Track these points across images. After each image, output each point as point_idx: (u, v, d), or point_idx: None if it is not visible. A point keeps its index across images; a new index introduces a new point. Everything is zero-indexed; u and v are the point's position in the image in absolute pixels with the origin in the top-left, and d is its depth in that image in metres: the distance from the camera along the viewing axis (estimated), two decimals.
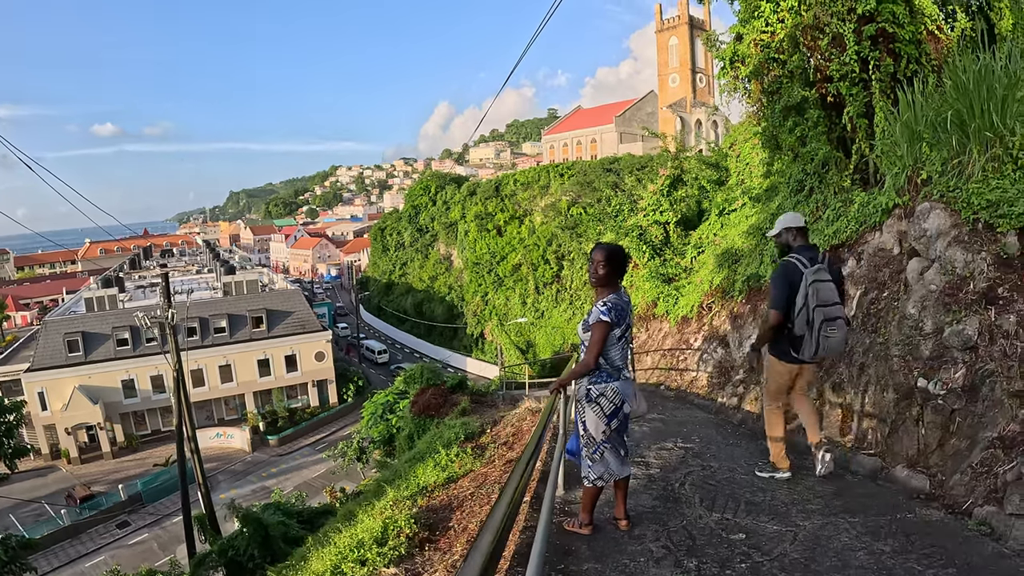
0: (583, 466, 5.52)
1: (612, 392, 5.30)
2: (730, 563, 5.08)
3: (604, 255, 5.28)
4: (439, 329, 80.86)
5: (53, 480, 46.73)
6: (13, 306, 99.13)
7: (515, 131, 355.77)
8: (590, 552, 5.35)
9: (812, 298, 6.25)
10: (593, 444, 5.40)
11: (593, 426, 5.36)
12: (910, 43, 9.77)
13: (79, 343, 50.50)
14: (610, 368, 5.33)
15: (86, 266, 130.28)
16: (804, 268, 6.36)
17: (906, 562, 4.91)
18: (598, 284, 5.35)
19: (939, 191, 7.10)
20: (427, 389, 21.20)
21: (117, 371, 51.26)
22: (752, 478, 7.20)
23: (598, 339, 5.14)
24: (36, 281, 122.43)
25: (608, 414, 5.31)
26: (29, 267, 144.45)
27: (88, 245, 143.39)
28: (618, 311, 5.21)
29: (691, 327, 16.73)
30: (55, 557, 36.38)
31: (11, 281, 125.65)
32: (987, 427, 5.82)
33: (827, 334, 6.27)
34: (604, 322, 5.14)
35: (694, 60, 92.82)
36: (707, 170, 22.85)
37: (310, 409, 57.70)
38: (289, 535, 18.22)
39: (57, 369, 49.31)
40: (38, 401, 47.89)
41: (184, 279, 74.85)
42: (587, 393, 5.36)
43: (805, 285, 6.28)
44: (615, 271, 5.31)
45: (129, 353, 51.76)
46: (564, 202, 74.30)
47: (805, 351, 6.45)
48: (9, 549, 18.59)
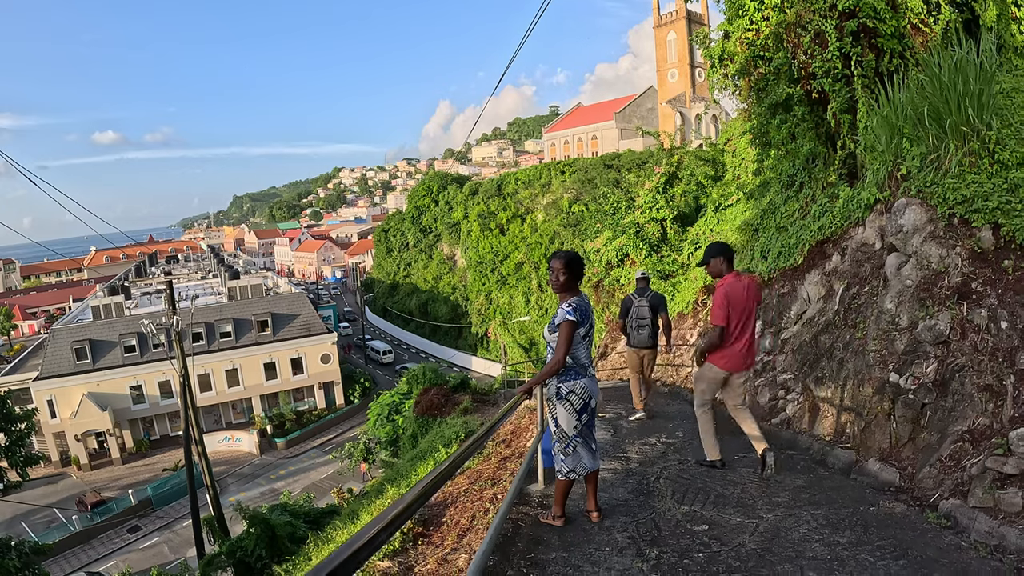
0: (556, 461, 5.75)
1: (581, 389, 5.58)
2: (689, 553, 5.27)
3: (562, 263, 5.58)
4: (444, 329, 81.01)
5: (64, 487, 46.97)
6: (20, 315, 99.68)
7: (517, 129, 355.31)
8: (560, 542, 5.55)
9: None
10: (566, 439, 5.64)
11: (565, 422, 5.62)
12: (892, 38, 9.79)
13: (87, 351, 50.70)
14: (577, 366, 5.60)
15: (92, 274, 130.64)
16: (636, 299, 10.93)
17: (859, 553, 5.04)
18: (560, 290, 5.63)
19: (916, 186, 7.17)
20: (430, 389, 21.40)
21: (125, 378, 51.47)
22: (725, 472, 7.39)
23: (565, 337, 5.41)
24: (43, 290, 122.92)
25: (578, 410, 5.59)
26: (35, 276, 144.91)
27: (93, 253, 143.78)
28: (582, 311, 5.50)
29: (687, 323, 16.85)
30: (67, 562, 36.59)
31: (18, 290, 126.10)
32: (956, 421, 5.92)
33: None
34: (571, 321, 5.41)
35: (692, 55, 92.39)
36: (703, 166, 22.90)
37: (317, 411, 57.86)
38: (296, 535, 18.42)
39: (65, 377, 49.50)
40: (47, 409, 48.08)
41: (189, 285, 75.02)
42: (557, 391, 5.63)
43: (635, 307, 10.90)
44: (573, 276, 5.60)
45: (136, 360, 51.95)
46: (566, 200, 74.47)
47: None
48: (22, 555, 18.79)
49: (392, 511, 2.71)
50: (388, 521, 2.63)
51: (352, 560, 2.25)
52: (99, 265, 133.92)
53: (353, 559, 2.26)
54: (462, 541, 6.28)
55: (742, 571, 4.89)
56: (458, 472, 9.61)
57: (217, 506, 24.93)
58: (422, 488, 3.12)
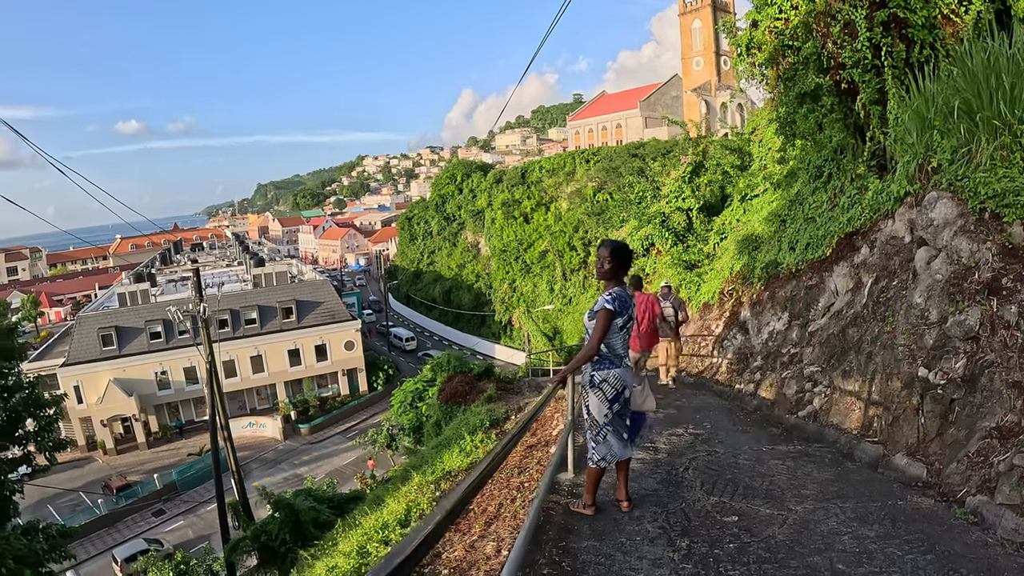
0: (588, 448, 5.82)
1: (614, 378, 5.60)
2: (719, 543, 5.31)
3: (609, 251, 5.61)
4: (467, 317, 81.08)
5: (89, 471, 47.73)
6: (47, 302, 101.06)
7: (540, 117, 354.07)
8: (591, 531, 5.62)
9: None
10: (596, 427, 5.69)
11: (596, 410, 5.66)
12: (923, 28, 9.70)
13: (113, 337, 51.37)
14: (612, 355, 5.62)
15: (117, 262, 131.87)
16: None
17: (887, 547, 5.06)
18: (604, 277, 5.66)
19: (947, 180, 7.10)
20: (454, 377, 21.41)
21: (151, 364, 52.11)
22: (753, 463, 7.39)
23: (602, 326, 5.45)
24: (69, 277, 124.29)
25: (610, 398, 5.62)
26: (62, 264, 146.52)
27: (119, 241, 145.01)
28: (621, 302, 5.53)
29: (712, 313, 16.82)
30: (92, 545, 37.18)
31: (44, 278, 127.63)
32: (985, 417, 5.89)
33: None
34: (608, 310, 5.45)
35: (718, 43, 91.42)
36: (729, 156, 22.82)
37: (340, 397, 58.26)
38: (320, 520, 18.59)
39: (92, 363, 50.22)
40: (74, 394, 48.60)
41: (214, 272, 75.68)
42: (591, 379, 5.67)
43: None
44: (620, 265, 5.62)
45: (162, 346, 52.53)
46: (590, 188, 74.19)
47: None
48: (49, 537, 19.11)
49: (449, 500, 2.70)
50: (448, 510, 2.63)
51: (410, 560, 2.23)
52: (124, 253, 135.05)
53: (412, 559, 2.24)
54: (489, 529, 6.35)
55: (772, 562, 4.93)
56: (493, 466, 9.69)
57: (242, 491, 25.20)
58: (467, 486, 3.10)
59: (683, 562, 4.99)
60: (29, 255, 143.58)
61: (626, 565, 4.99)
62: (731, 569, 4.84)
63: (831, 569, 4.76)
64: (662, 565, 4.96)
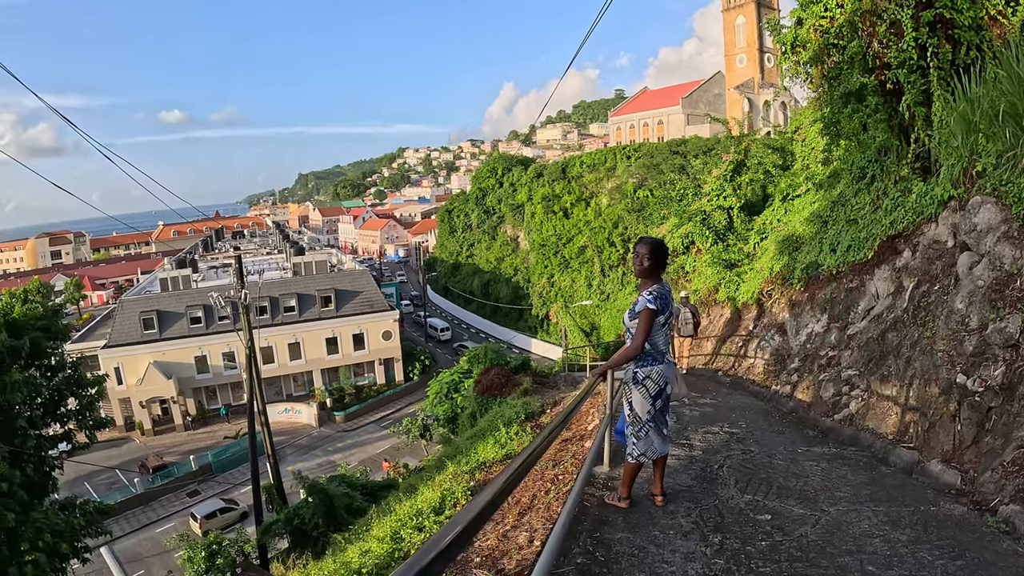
0: (628, 443, 5.90)
1: (657, 375, 5.67)
2: (752, 540, 5.36)
3: (648, 248, 5.62)
4: (504, 310, 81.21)
5: (127, 450, 48.89)
6: (90, 286, 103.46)
7: (582, 112, 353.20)
8: (625, 523, 5.70)
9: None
10: (639, 423, 5.78)
11: (639, 406, 5.74)
12: (970, 29, 9.56)
13: (154, 321, 52.43)
14: (655, 352, 5.69)
15: (160, 247, 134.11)
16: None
17: (918, 551, 5.07)
18: (642, 275, 5.69)
19: (992, 184, 7.03)
20: (490, 369, 21.54)
21: (190, 348, 53.08)
22: (788, 464, 7.40)
23: (645, 325, 5.51)
24: (112, 262, 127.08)
25: (653, 395, 5.70)
26: (105, 249, 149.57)
27: (162, 227, 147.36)
28: (662, 299, 5.57)
29: (751, 313, 16.74)
30: (127, 522, 38.12)
31: (88, 262, 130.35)
32: (1022, 427, 5.85)
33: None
34: (650, 309, 5.50)
35: (762, 40, 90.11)
36: (772, 155, 22.59)
37: (376, 386, 58.87)
38: (353, 506, 18.86)
39: (133, 346, 51.35)
40: (114, 375, 49.69)
41: (255, 260, 76.56)
42: (634, 376, 5.74)
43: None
44: (658, 263, 5.65)
45: (202, 331, 53.51)
46: (630, 185, 73.93)
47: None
48: (87, 513, 19.55)
49: (486, 495, 2.74)
50: (490, 501, 2.68)
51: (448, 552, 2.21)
52: (167, 239, 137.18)
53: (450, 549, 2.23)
54: (523, 520, 6.45)
55: (803, 561, 4.97)
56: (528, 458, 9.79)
57: (277, 475, 25.60)
58: (505, 479, 3.11)
59: (715, 557, 5.05)
60: (73, 239, 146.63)
61: (659, 558, 5.06)
62: (762, 566, 4.89)
63: (861, 570, 4.79)
64: (694, 559, 5.03)
